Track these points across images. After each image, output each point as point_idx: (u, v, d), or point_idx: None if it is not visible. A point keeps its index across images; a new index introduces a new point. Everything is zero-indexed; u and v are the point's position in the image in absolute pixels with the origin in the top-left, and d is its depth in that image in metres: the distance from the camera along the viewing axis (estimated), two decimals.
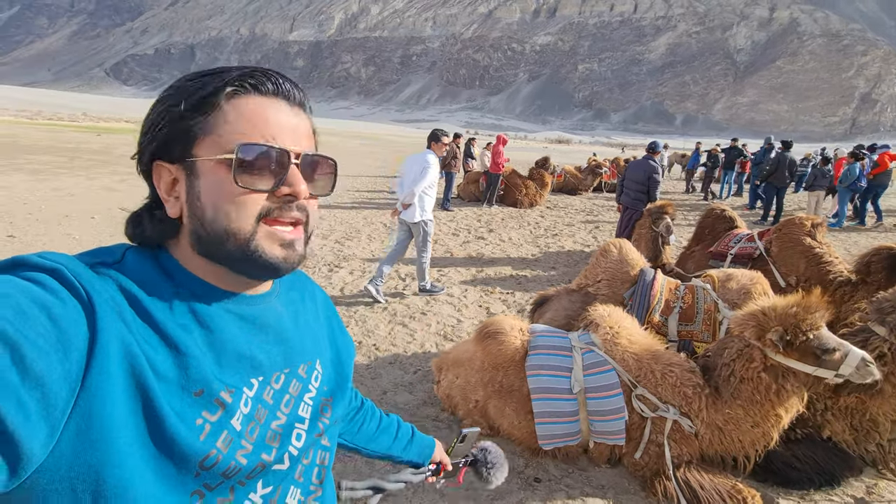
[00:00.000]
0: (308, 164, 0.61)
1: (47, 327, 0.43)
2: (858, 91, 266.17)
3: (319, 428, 0.68)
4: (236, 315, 0.61)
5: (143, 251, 0.60)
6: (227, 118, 0.57)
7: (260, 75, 0.59)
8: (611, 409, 2.29)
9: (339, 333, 0.82)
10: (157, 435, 0.50)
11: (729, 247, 4.61)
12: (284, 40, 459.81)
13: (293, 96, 0.61)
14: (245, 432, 0.57)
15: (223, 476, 0.54)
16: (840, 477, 2.38)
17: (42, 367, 0.42)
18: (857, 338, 2.41)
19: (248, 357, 0.60)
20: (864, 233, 9.66)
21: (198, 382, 0.54)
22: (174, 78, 0.65)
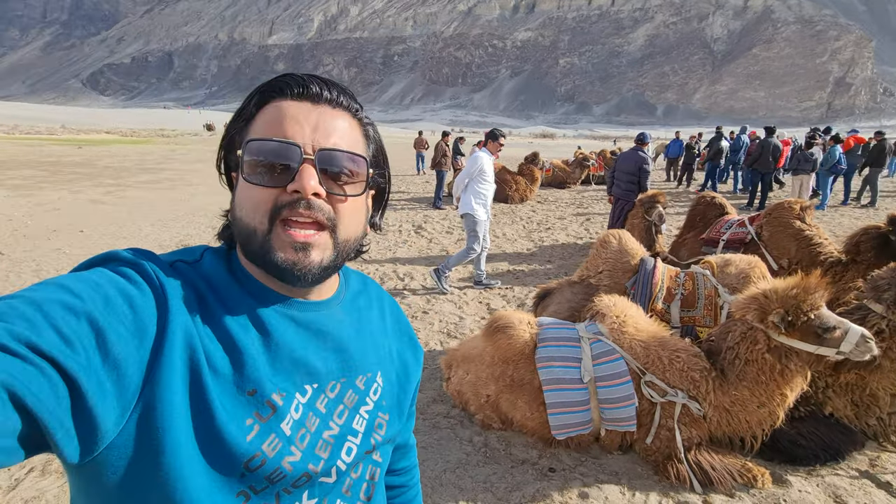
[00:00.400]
0: (328, 161, 0.59)
1: (129, 316, 0.48)
2: (833, 75, 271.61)
3: (371, 444, 0.67)
4: (292, 320, 0.61)
5: (219, 252, 0.63)
6: (256, 124, 0.60)
7: (288, 79, 0.60)
8: (621, 396, 2.33)
9: (409, 348, 0.79)
10: (206, 429, 0.51)
11: (721, 233, 4.70)
12: (264, 44, 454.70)
13: (321, 96, 0.60)
14: (295, 438, 0.57)
15: (268, 481, 0.54)
16: (844, 452, 2.45)
17: (121, 352, 0.46)
18: (854, 316, 2.49)
19: (302, 362, 0.60)
20: (847, 215, 9.88)
21: (251, 382, 0.55)
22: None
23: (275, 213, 0.56)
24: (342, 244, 0.61)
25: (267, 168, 0.57)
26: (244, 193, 0.58)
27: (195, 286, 0.57)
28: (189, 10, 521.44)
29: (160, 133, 43.92)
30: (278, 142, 0.57)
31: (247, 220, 0.57)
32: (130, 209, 9.52)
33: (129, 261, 0.53)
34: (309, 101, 0.60)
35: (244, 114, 0.61)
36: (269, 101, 0.60)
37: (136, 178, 14.05)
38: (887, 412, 2.45)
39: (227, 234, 0.65)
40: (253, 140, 0.57)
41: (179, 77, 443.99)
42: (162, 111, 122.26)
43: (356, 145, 0.63)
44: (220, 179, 0.66)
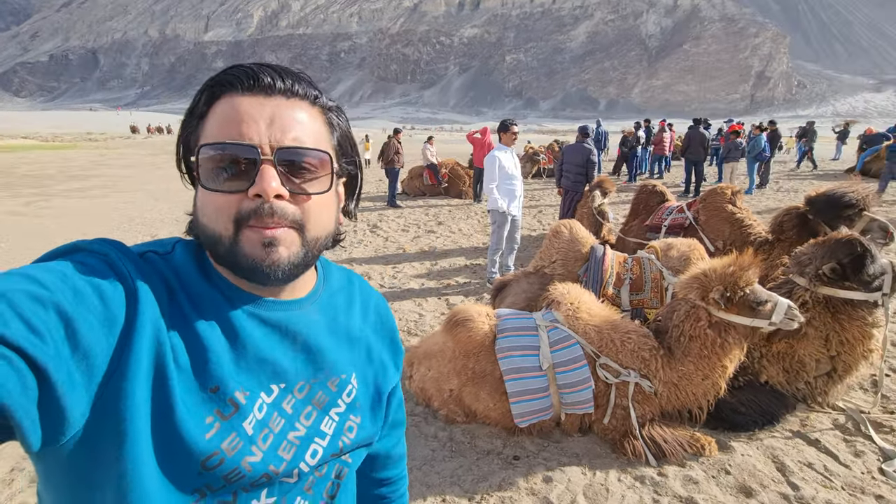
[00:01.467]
0: (290, 159, 0.56)
1: (98, 307, 0.47)
2: (754, 70, 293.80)
3: (339, 447, 0.65)
4: (260, 319, 0.60)
5: (191, 246, 0.61)
6: (208, 122, 0.57)
7: (237, 71, 0.57)
8: (578, 380, 2.41)
9: (389, 350, 0.77)
10: (164, 424, 0.50)
11: (662, 219, 4.96)
12: (200, 41, 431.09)
13: (273, 87, 0.57)
14: (257, 438, 0.56)
15: (225, 480, 0.53)
16: (778, 415, 2.67)
17: (90, 343, 0.46)
18: (782, 290, 2.70)
19: (269, 362, 0.59)
20: (770, 197, 10.72)
21: (214, 379, 0.54)
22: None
23: (240, 219, 0.55)
24: (311, 242, 0.59)
25: (224, 172, 0.55)
26: (204, 199, 0.56)
27: (165, 279, 0.56)
28: (113, 3, 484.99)
29: (87, 137, 40.66)
30: (232, 144, 0.54)
31: (211, 226, 0.56)
32: (58, 220, 8.77)
33: (97, 251, 0.52)
34: (261, 93, 0.56)
35: (195, 112, 0.58)
36: (220, 97, 0.56)
37: (63, 187, 12.96)
38: (813, 376, 2.69)
39: (190, 232, 0.64)
40: (206, 145, 0.55)
41: (106, 76, 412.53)
42: (88, 113, 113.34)
43: (318, 137, 0.59)
44: (182, 179, 0.63)
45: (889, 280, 2.47)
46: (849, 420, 2.64)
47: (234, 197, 0.55)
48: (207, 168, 0.55)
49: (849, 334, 2.54)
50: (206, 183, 0.55)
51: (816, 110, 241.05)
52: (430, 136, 13.18)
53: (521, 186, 5.05)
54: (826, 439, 2.48)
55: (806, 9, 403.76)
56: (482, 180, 10.97)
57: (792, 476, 2.22)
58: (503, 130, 4.96)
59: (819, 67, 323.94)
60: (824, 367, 2.65)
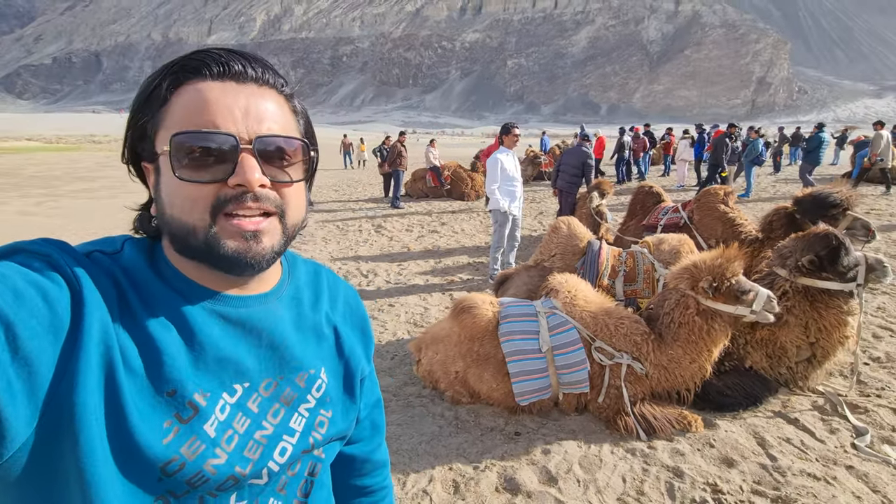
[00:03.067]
0: (268, 148, 0.55)
1: (42, 310, 0.44)
2: (755, 75, 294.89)
3: (310, 443, 0.63)
4: (220, 316, 0.58)
5: (141, 244, 0.59)
6: (172, 109, 0.54)
7: (204, 57, 0.55)
8: (575, 362, 2.61)
9: (359, 341, 0.75)
10: (118, 431, 0.48)
11: (658, 219, 5.16)
12: (203, 44, 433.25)
13: (245, 75, 0.55)
14: (220, 440, 0.54)
15: (189, 485, 0.51)
16: (762, 398, 2.86)
17: (33, 348, 0.43)
18: (764, 281, 2.90)
19: (231, 361, 0.57)
20: (770, 201, 10.92)
21: (170, 382, 0.52)
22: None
23: (217, 207, 0.53)
24: (290, 229, 0.59)
25: (199, 162, 0.52)
26: (175, 191, 0.53)
27: (114, 279, 0.53)
28: (117, 7, 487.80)
29: (91, 139, 40.97)
30: (210, 133, 0.52)
31: (182, 217, 0.53)
32: (67, 219, 9.00)
33: (38, 252, 0.49)
34: (233, 80, 0.55)
35: (154, 97, 0.54)
36: (185, 83, 0.54)
37: (70, 187, 13.21)
38: (794, 361, 2.88)
39: (147, 226, 0.61)
40: (180, 133, 0.52)
41: (109, 79, 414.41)
42: (91, 115, 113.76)
43: (288, 125, 0.59)
44: (128, 172, 0.61)
45: (862, 271, 2.67)
46: (827, 402, 2.83)
47: (208, 187, 0.53)
48: (181, 159, 0.52)
49: (826, 322, 2.74)
50: (181, 174, 0.52)
51: (817, 116, 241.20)
52: (433, 139, 13.43)
53: (521, 188, 5.28)
54: (805, 418, 2.68)
55: (806, 15, 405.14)
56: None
57: (771, 449, 2.41)
58: (505, 133, 5.18)
59: (820, 73, 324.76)
60: (804, 352, 2.84)
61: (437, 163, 12.06)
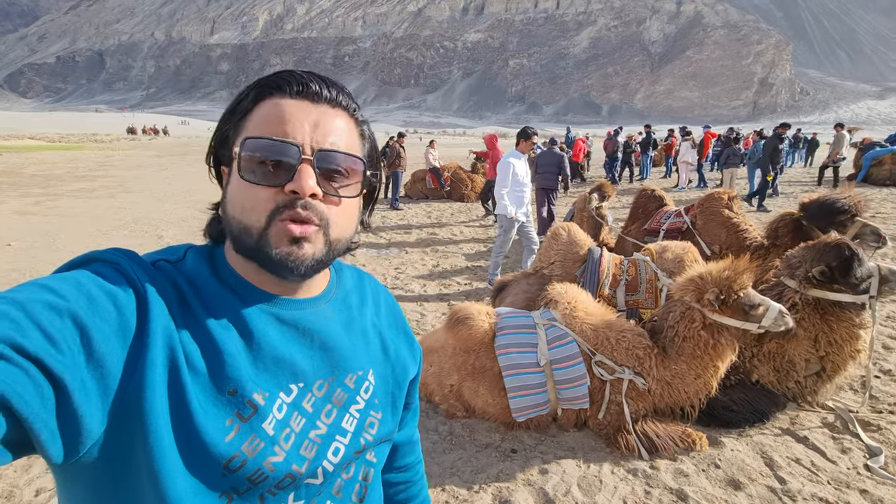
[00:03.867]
0: (327, 161, 0.59)
1: (113, 314, 0.48)
2: (757, 76, 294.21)
3: (361, 444, 0.65)
4: (276, 318, 0.61)
5: (202, 251, 0.63)
6: (251, 119, 0.59)
7: (287, 76, 0.60)
8: (574, 376, 2.50)
9: (405, 344, 0.78)
10: (184, 429, 0.51)
11: (661, 223, 5.04)
12: (206, 44, 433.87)
13: (320, 95, 0.60)
14: (278, 438, 0.56)
15: (250, 482, 0.54)
16: (769, 413, 2.74)
17: (105, 351, 0.46)
18: (773, 292, 2.79)
19: (287, 361, 0.60)
20: (772, 206, 10.80)
21: (231, 381, 0.54)
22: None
23: (273, 212, 0.56)
24: (334, 242, 0.61)
25: (264, 166, 0.56)
26: (239, 192, 0.57)
27: (177, 285, 0.57)
28: (120, 6, 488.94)
29: (93, 138, 40.97)
30: (277, 141, 0.56)
31: (241, 217, 0.57)
32: (65, 220, 8.90)
33: (110, 260, 0.54)
34: (308, 99, 0.59)
35: (239, 108, 0.60)
36: (267, 97, 0.59)
37: (69, 187, 13.12)
38: (803, 375, 2.77)
39: (214, 230, 0.65)
40: (251, 138, 0.57)
41: (112, 78, 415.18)
42: (94, 115, 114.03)
43: (353, 145, 0.63)
44: (209, 174, 0.66)
45: (876, 283, 2.55)
46: (838, 419, 2.72)
47: (269, 190, 0.56)
48: (248, 161, 0.56)
49: (837, 335, 2.62)
50: (245, 174, 0.56)
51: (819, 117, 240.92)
52: (433, 140, 13.34)
53: (529, 194, 5.14)
54: (814, 437, 2.56)
55: (809, 16, 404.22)
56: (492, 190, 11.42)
57: (780, 470, 2.30)
58: (525, 138, 5.04)
59: (822, 74, 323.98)
60: (814, 366, 2.73)
61: (437, 164, 11.96)
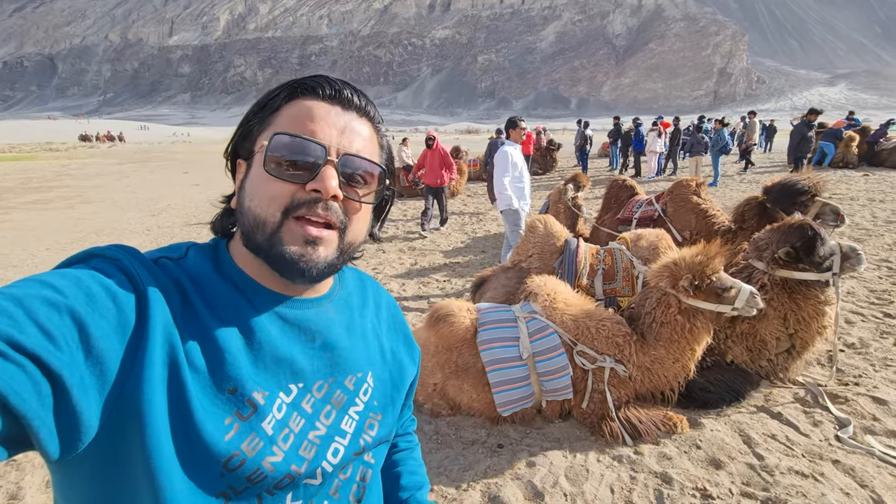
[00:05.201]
0: (349, 166, 0.60)
1: (112, 311, 0.48)
2: (716, 67, 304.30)
3: (361, 445, 0.65)
4: (279, 317, 0.61)
5: (205, 248, 0.63)
6: (281, 115, 0.60)
7: (322, 80, 0.61)
8: (557, 367, 2.50)
9: (404, 347, 0.79)
10: (183, 427, 0.50)
11: (633, 212, 5.13)
12: (164, 45, 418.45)
13: (351, 103, 0.62)
14: (277, 438, 0.56)
15: (249, 481, 0.53)
16: (744, 392, 2.82)
17: (103, 347, 0.46)
18: (742, 274, 2.87)
19: (287, 361, 0.59)
20: (734, 188, 11.18)
21: (231, 380, 0.54)
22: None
23: (290, 208, 0.57)
24: (346, 246, 0.62)
25: (289, 163, 0.57)
26: (259, 185, 0.58)
27: (178, 282, 0.56)
28: (70, 8, 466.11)
29: (47, 147, 38.99)
30: (306, 139, 0.57)
31: (257, 210, 0.57)
32: (19, 233, 8.44)
33: (110, 257, 0.53)
34: (340, 105, 0.61)
35: (270, 104, 0.61)
36: (299, 97, 0.60)
37: (22, 199, 12.45)
38: (775, 354, 2.86)
39: (221, 224, 0.66)
40: (281, 133, 0.57)
41: (65, 83, 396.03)
42: (47, 122, 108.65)
43: (374, 154, 0.64)
44: (225, 166, 0.67)
45: (838, 260, 2.65)
46: (808, 393, 2.82)
47: (290, 186, 0.57)
48: (274, 155, 0.57)
49: (804, 312, 2.72)
50: (269, 167, 0.57)
51: (776, 104, 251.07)
52: (405, 138, 13.26)
53: (529, 185, 4.97)
54: (788, 412, 2.65)
55: (762, 7, 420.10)
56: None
57: (757, 447, 2.37)
58: (512, 127, 4.89)
59: (776, 63, 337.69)
60: (784, 344, 2.82)
61: (410, 162, 11.89)
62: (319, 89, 0.60)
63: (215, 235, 0.67)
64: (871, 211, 7.73)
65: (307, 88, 0.61)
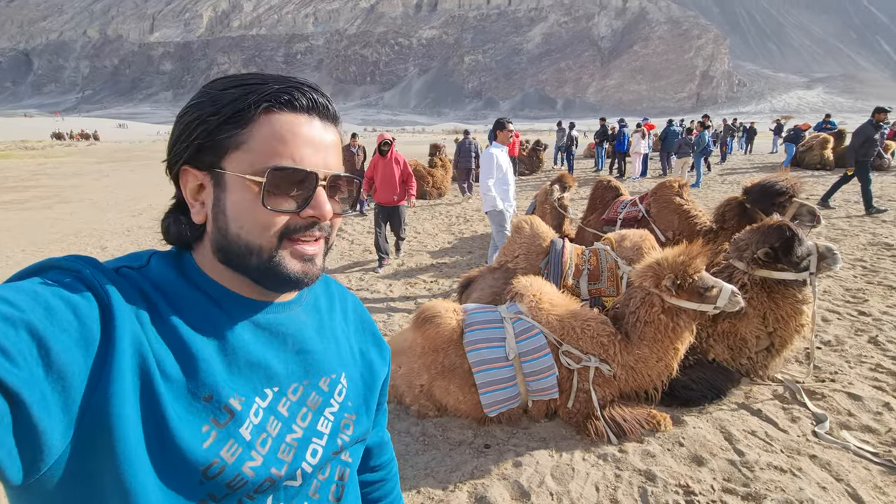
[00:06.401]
0: (336, 184, 0.61)
1: (73, 324, 0.46)
2: (699, 69, 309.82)
3: (338, 445, 0.65)
4: (251, 322, 0.61)
5: (167, 256, 0.61)
6: (260, 134, 0.56)
7: (295, 90, 0.58)
8: (543, 368, 2.52)
9: (374, 346, 0.79)
10: (159, 438, 0.49)
11: (617, 213, 5.20)
12: (145, 42, 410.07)
13: (327, 112, 0.61)
14: (256, 443, 0.55)
15: (229, 487, 0.53)
16: (725, 390, 2.88)
17: (65, 362, 0.44)
18: (723, 274, 2.92)
19: (262, 366, 0.59)
20: (716, 189, 11.40)
21: (206, 387, 0.53)
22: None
23: (284, 233, 0.57)
24: (328, 248, 0.64)
25: (284, 193, 0.57)
26: (251, 214, 0.56)
27: (143, 291, 0.55)
28: (46, 3, 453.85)
29: (22, 145, 37.89)
30: (303, 171, 0.57)
31: (250, 238, 0.57)
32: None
33: (69, 268, 0.51)
34: (317, 116, 0.60)
35: (239, 116, 0.56)
36: (275, 111, 0.57)
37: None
38: (755, 352, 2.92)
39: (178, 234, 0.62)
40: (279, 169, 0.55)
41: (42, 80, 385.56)
42: (23, 120, 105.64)
43: (340, 157, 0.65)
44: (166, 173, 0.62)
45: (814, 260, 2.72)
46: (786, 390, 2.89)
47: (284, 215, 0.57)
48: (272, 189, 0.56)
49: (783, 311, 2.78)
50: (267, 201, 0.56)
51: (756, 107, 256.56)
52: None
53: (514, 187, 5.00)
54: (767, 409, 2.71)
55: (742, 11, 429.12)
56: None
57: (738, 444, 2.42)
58: (500, 129, 4.91)
59: (757, 67, 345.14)
60: (763, 342, 2.89)
61: None
62: (296, 102, 0.58)
63: (173, 246, 0.63)
64: (846, 211, 7.96)
65: (283, 102, 0.57)
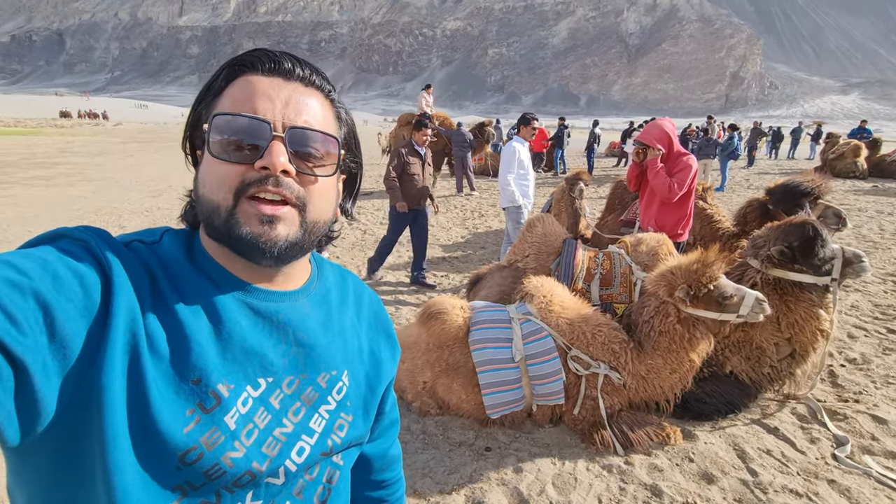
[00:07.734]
0: (298, 139, 0.57)
1: (78, 294, 0.46)
2: (729, 70, 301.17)
3: (329, 445, 0.63)
4: (251, 309, 0.59)
5: (180, 235, 0.61)
6: (224, 98, 0.57)
7: (259, 53, 0.58)
8: (550, 372, 2.44)
9: (386, 346, 0.76)
10: (140, 416, 0.48)
11: (636, 214, 5.05)
12: (174, 25, 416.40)
13: (293, 73, 0.58)
14: (240, 434, 0.54)
15: (206, 476, 0.51)
16: (741, 405, 2.75)
17: (68, 332, 0.45)
18: (736, 272, 2.75)
19: (257, 354, 0.57)
20: (741, 195, 11.05)
21: (196, 370, 0.52)
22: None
23: (241, 189, 0.54)
24: (311, 224, 0.59)
25: (234, 144, 0.55)
26: (209, 169, 0.56)
27: (148, 267, 0.54)
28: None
29: (52, 123, 38.94)
30: (247, 117, 0.55)
31: (210, 196, 0.55)
32: (18, 209, 8.39)
33: (79, 238, 0.52)
34: (281, 76, 0.58)
35: (212, 88, 0.58)
36: (239, 76, 0.57)
37: (24, 174, 12.41)
38: (777, 359, 2.75)
39: (191, 215, 0.63)
40: (220, 114, 0.55)
41: (73, 59, 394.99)
42: (54, 98, 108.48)
43: (328, 126, 0.60)
44: (185, 160, 0.63)
45: (839, 265, 2.53)
46: (807, 409, 2.75)
47: (238, 168, 0.55)
48: (217, 137, 0.55)
49: (796, 315, 2.58)
50: (214, 151, 0.55)
51: (787, 111, 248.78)
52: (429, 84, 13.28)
53: (533, 183, 4.90)
54: (784, 427, 2.58)
55: (779, 11, 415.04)
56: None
57: (751, 462, 2.30)
58: (524, 124, 4.82)
59: (790, 69, 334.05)
60: (785, 349, 2.71)
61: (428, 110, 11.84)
62: (258, 63, 0.57)
63: (186, 226, 0.64)
64: (878, 223, 7.62)
65: (246, 64, 0.57)
